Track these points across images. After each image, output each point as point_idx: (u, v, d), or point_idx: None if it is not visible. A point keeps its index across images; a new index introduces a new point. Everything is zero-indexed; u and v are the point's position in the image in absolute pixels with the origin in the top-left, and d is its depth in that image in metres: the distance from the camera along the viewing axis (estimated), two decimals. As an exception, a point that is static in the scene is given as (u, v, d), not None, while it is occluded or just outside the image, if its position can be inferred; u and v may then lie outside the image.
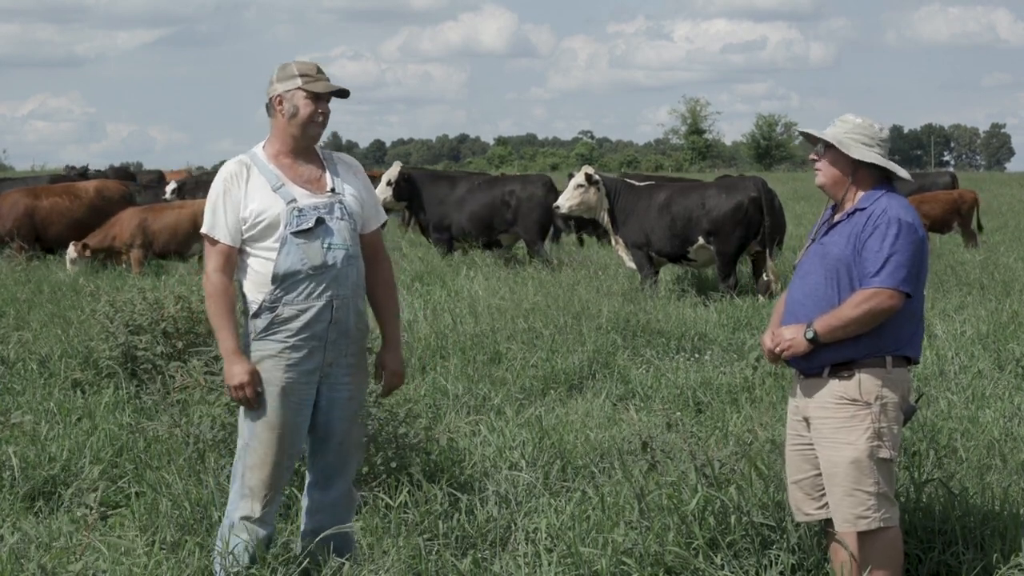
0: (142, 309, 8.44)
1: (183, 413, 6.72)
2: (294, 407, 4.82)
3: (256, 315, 4.81)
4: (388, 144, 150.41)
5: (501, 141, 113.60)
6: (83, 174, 26.22)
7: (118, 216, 15.73)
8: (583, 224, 19.33)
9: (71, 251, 15.21)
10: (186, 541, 5.14)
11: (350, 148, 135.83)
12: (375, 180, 18.83)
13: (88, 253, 15.15)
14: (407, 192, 17.03)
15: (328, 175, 4.92)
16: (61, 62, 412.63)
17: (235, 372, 4.77)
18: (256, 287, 4.82)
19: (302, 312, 4.77)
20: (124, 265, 15.30)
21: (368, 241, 5.01)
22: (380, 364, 5.14)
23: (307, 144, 4.91)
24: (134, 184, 23.20)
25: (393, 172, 17.15)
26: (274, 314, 4.77)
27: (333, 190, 4.89)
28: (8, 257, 15.62)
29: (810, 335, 4.62)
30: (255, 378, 4.77)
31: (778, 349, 4.72)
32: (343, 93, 4.92)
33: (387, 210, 19.34)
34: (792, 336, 4.67)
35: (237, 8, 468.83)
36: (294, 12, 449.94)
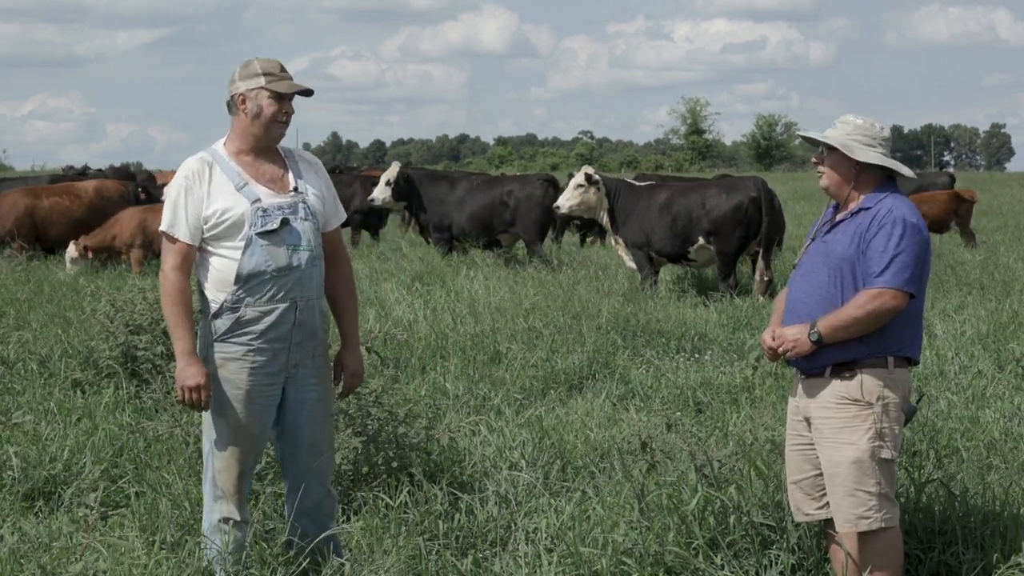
0: (142, 309, 8.43)
1: (183, 413, 6.72)
2: (259, 409, 4.80)
3: (217, 315, 4.75)
4: (388, 144, 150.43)
5: (501, 141, 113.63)
6: (82, 174, 26.18)
7: (118, 216, 15.73)
8: (588, 225, 19.34)
9: (71, 250, 15.19)
10: (186, 541, 5.13)
11: (350, 148, 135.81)
12: (375, 180, 18.93)
13: (89, 254, 15.14)
14: (406, 192, 17.01)
15: (290, 175, 4.88)
16: (61, 62, 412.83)
17: (191, 373, 4.70)
18: (217, 286, 4.76)
19: (265, 314, 4.73)
20: (124, 265, 15.29)
21: (328, 239, 4.96)
22: (339, 364, 5.06)
23: (269, 144, 4.86)
24: (134, 184, 23.16)
25: (392, 172, 17.14)
26: (237, 315, 4.72)
27: (296, 189, 4.84)
28: (8, 257, 15.60)
29: (815, 337, 4.61)
30: (209, 382, 4.73)
31: (781, 349, 4.70)
32: (307, 92, 4.88)
33: (387, 210, 19.55)
34: (796, 336, 4.66)
35: (237, 8, 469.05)
36: (294, 12, 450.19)
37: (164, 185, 23.39)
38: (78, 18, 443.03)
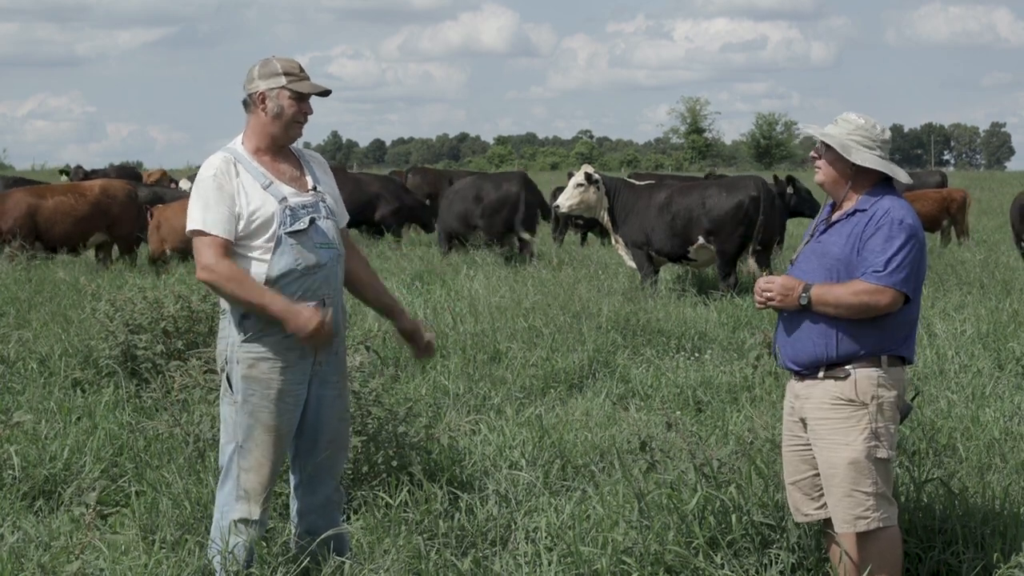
0: (142, 308, 8.44)
1: (183, 412, 6.73)
2: (289, 408, 4.80)
3: (246, 315, 4.73)
4: (388, 143, 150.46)
5: (501, 140, 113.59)
6: (87, 175, 26.19)
7: (160, 219, 15.83)
8: (590, 225, 19.39)
9: (156, 265, 15.47)
10: (186, 540, 5.14)
11: (350, 147, 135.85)
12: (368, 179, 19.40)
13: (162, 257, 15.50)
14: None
15: (308, 175, 4.90)
16: (61, 62, 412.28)
17: (308, 316, 4.60)
18: None
19: None
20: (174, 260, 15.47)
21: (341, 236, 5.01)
22: (409, 333, 5.13)
23: (286, 143, 4.87)
24: (138, 183, 23.16)
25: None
26: (267, 315, 4.73)
27: (315, 188, 4.87)
28: (8, 257, 15.60)
29: (804, 301, 4.61)
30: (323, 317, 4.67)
31: (767, 295, 4.68)
32: (325, 92, 4.88)
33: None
34: (787, 289, 4.64)
35: (238, 8, 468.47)
36: (295, 11, 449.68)
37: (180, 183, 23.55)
38: (78, 18, 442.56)
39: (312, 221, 4.77)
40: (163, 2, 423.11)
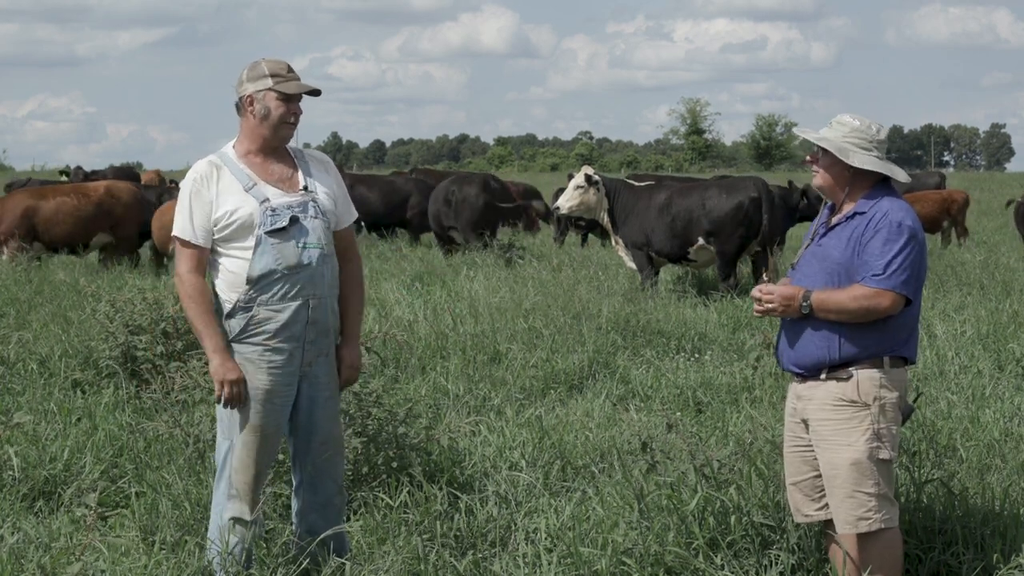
0: (142, 309, 8.44)
1: (183, 413, 6.73)
2: (277, 409, 4.81)
3: (230, 315, 4.77)
4: (388, 144, 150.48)
5: (501, 141, 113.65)
6: (87, 176, 26.19)
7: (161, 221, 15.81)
8: (591, 226, 19.42)
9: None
10: (186, 541, 5.14)
11: (350, 148, 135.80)
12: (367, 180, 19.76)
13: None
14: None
15: (300, 174, 4.90)
16: (61, 62, 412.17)
17: (230, 368, 4.74)
18: (229, 287, 4.79)
19: (278, 313, 4.75)
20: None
21: (340, 237, 4.99)
22: (338, 358, 5.03)
23: (278, 144, 4.89)
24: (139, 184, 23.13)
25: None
26: (250, 315, 4.74)
27: (306, 188, 4.87)
28: (9, 257, 15.59)
29: (806, 310, 4.60)
30: (243, 376, 4.77)
31: (769, 306, 4.68)
32: (315, 92, 4.89)
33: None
34: (788, 299, 4.63)
35: (238, 8, 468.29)
36: (295, 12, 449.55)
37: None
38: (78, 18, 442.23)
39: (295, 220, 4.78)
40: (163, 2, 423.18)
